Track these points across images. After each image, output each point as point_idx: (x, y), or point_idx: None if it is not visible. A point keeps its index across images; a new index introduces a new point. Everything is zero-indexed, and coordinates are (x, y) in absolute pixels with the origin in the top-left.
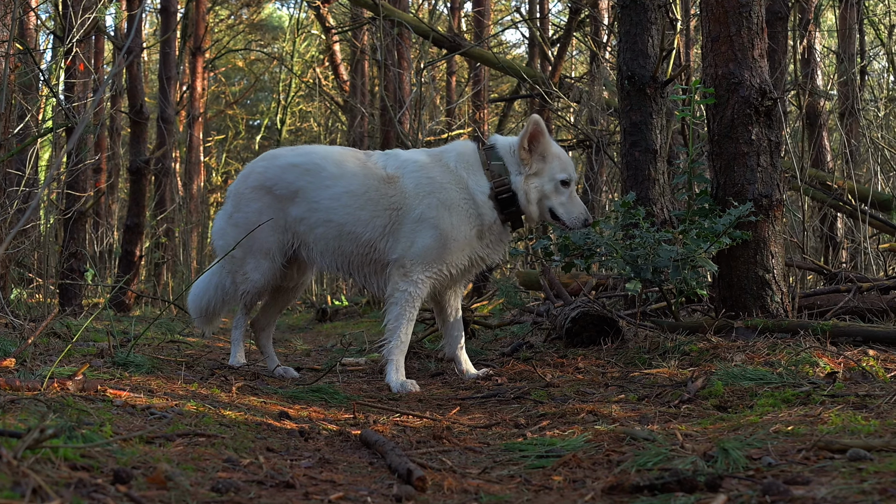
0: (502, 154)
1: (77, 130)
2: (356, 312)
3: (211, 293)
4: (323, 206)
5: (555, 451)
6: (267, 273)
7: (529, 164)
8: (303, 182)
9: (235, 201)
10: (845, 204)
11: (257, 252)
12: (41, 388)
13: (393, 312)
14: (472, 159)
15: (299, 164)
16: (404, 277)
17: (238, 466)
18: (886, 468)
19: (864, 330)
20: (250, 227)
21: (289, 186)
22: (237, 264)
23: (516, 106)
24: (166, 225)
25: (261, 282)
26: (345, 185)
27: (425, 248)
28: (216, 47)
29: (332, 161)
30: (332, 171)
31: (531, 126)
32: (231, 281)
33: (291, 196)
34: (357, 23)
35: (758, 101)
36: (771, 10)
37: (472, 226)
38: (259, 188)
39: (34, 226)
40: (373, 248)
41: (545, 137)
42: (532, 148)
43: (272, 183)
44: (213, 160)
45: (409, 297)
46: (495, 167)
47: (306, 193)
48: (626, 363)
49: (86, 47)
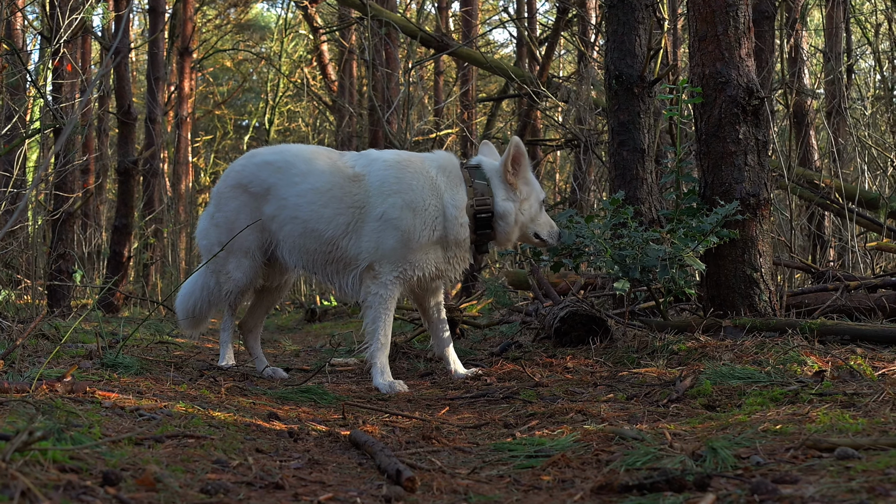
0: (489, 175)
1: (65, 131)
2: (345, 312)
3: (197, 294)
4: (290, 202)
5: (544, 450)
6: (249, 272)
7: (518, 189)
8: (274, 179)
9: (216, 201)
10: (832, 202)
11: (238, 251)
12: (30, 390)
13: (369, 316)
14: (454, 172)
15: (272, 161)
16: (374, 280)
17: (227, 468)
18: (874, 466)
19: (851, 328)
20: (230, 226)
21: (262, 184)
22: (220, 264)
23: (504, 106)
24: (155, 226)
25: (243, 280)
26: (311, 183)
27: (390, 249)
28: (204, 47)
29: (302, 158)
30: (301, 168)
31: (513, 149)
32: (215, 281)
33: (265, 193)
34: (345, 22)
35: (745, 100)
36: (758, 9)
37: (433, 232)
38: (237, 187)
39: (22, 227)
40: (335, 246)
41: (525, 159)
42: (516, 171)
43: (248, 181)
44: (201, 161)
45: (381, 300)
46: (479, 186)
47: (277, 190)
48: (615, 362)
49: (73, 48)
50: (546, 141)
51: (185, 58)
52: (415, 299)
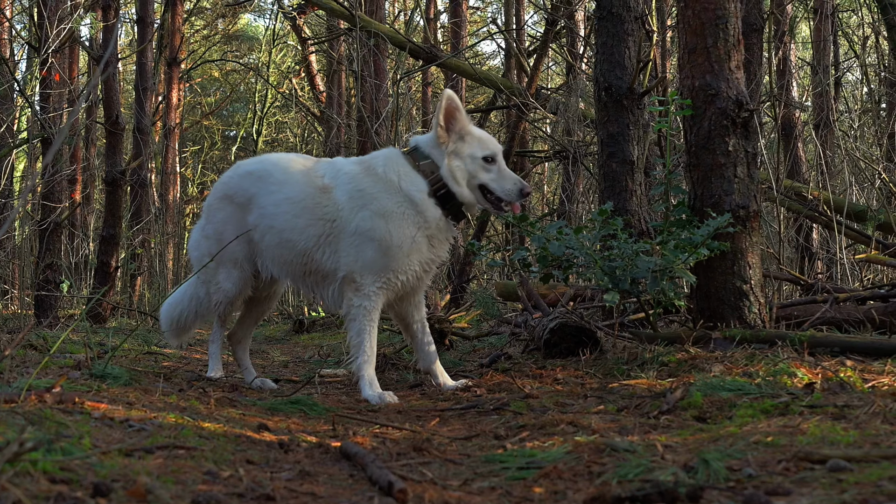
0: (428, 151)
1: (55, 144)
2: (333, 323)
3: (185, 304)
4: (268, 212)
5: (535, 462)
6: (238, 282)
7: (447, 143)
8: (255, 189)
9: (207, 213)
10: (821, 215)
11: (227, 261)
12: (18, 401)
13: (353, 329)
14: (400, 162)
15: (254, 171)
16: (356, 292)
17: (218, 479)
18: (866, 479)
19: (841, 340)
20: (219, 237)
21: (245, 194)
22: (210, 274)
23: (493, 117)
24: (142, 236)
25: (233, 291)
26: (286, 192)
27: (370, 260)
28: (192, 58)
29: (280, 167)
30: (279, 177)
31: (445, 102)
32: (205, 291)
33: (247, 203)
34: (333, 34)
35: (735, 112)
36: (746, 21)
37: (416, 228)
38: (224, 198)
39: (9, 237)
40: (310, 258)
41: (461, 113)
42: (449, 126)
43: (233, 192)
44: (189, 171)
45: (364, 311)
46: (425, 166)
47: (257, 199)
48: (605, 374)
49: (61, 58)
50: (534, 152)
51: (173, 68)
52: (396, 316)
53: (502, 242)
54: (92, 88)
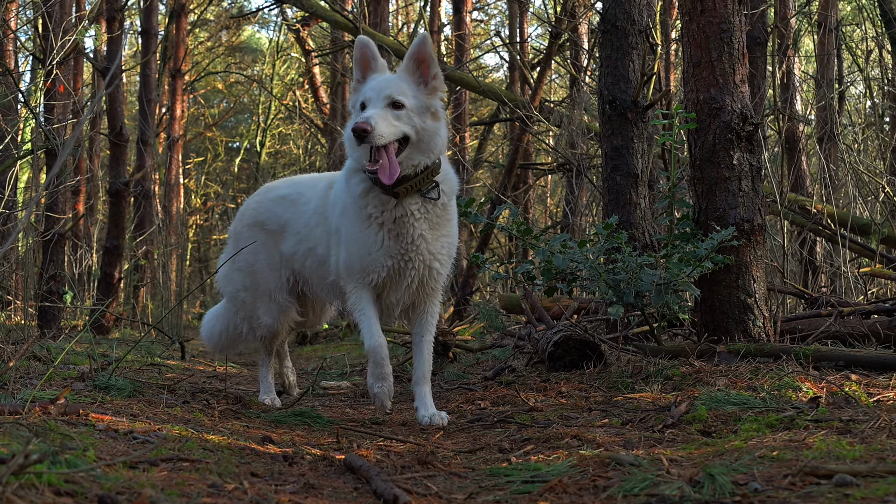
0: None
1: (61, 157)
2: (336, 335)
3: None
4: (303, 234)
5: (540, 476)
6: (276, 315)
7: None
8: (289, 214)
9: (235, 241)
10: (824, 228)
11: (263, 295)
12: (23, 412)
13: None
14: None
15: (287, 195)
16: (343, 296)
17: (223, 492)
18: (873, 494)
19: (846, 354)
20: (251, 268)
21: (278, 220)
22: (249, 310)
23: (496, 129)
24: (145, 247)
25: (273, 325)
26: (313, 207)
27: (343, 260)
28: (196, 69)
29: (309, 185)
30: (308, 195)
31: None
32: (248, 327)
33: (281, 230)
34: (337, 46)
35: (739, 126)
36: (750, 35)
37: (359, 213)
38: (254, 225)
39: (13, 248)
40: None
41: (375, 62)
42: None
43: (264, 218)
44: (192, 182)
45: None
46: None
47: (291, 226)
48: (609, 387)
49: (65, 69)
50: (538, 165)
51: (176, 80)
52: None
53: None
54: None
